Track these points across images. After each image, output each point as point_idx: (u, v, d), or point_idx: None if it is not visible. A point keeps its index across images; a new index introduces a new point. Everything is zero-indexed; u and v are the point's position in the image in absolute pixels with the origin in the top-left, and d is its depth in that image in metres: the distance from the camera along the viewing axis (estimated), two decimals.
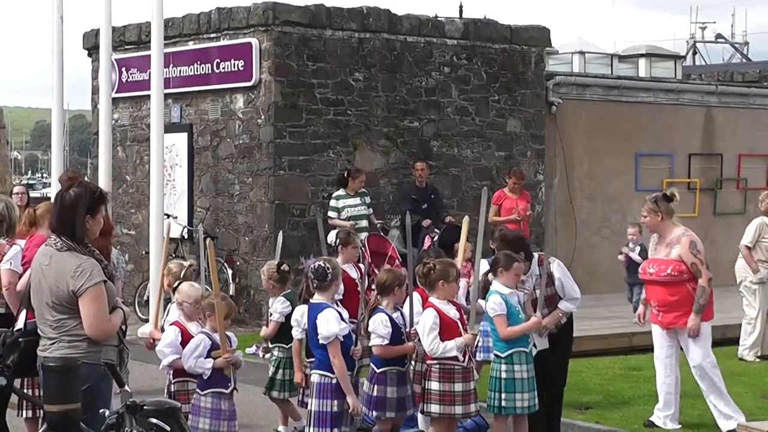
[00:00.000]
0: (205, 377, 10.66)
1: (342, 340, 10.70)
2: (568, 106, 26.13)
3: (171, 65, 22.96)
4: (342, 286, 11.77)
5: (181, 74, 23.81)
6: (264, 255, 22.16)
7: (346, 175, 21.88)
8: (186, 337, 11.02)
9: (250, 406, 13.73)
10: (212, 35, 23.68)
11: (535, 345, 12.07)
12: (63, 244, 8.40)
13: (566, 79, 26.71)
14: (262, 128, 22.78)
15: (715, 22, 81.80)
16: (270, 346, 13.30)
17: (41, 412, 10.71)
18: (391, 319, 11.37)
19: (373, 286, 12.93)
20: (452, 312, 11.24)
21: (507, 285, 11.78)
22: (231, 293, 21.83)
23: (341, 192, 21.72)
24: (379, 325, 11.25)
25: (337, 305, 11.24)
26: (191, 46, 23.92)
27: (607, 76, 28.74)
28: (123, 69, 24.79)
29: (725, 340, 18.02)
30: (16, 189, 24.10)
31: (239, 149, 23.30)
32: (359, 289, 12.96)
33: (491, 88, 24.78)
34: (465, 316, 11.54)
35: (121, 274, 15.07)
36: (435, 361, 11.15)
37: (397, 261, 16.55)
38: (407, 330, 11.54)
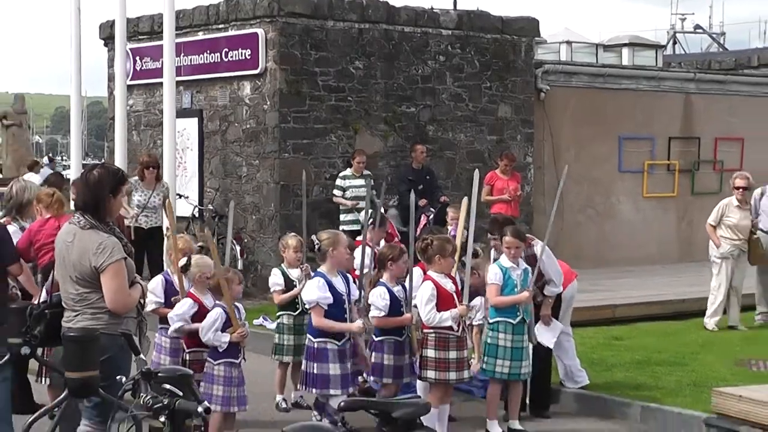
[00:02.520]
0: (221, 350, 10.77)
1: (325, 307, 10.89)
2: (555, 93, 26.17)
3: (182, 54, 22.97)
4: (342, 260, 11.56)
5: (192, 63, 23.84)
6: (270, 232, 22.28)
7: (352, 158, 22.07)
8: (201, 309, 11.11)
9: (257, 373, 13.75)
10: (221, 26, 23.71)
11: (531, 339, 12.24)
12: (86, 222, 8.52)
13: (554, 67, 26.74)
14: (267, 113, 22.82)
15: (693, 14, 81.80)
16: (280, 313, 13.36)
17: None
18: (390, 292, 11.46)
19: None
20: (449, 285, 11.35)
21: (510, 258, 11.98)
22: (240, 268, 21.94)
23: (348, 172, 21.90)
24: (377, 298, 11.37)
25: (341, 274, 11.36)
26: (201, 36, 23.94)
27: (592, 64, 28.77)
28: (137, 58, 24.82)
29: (698, 312, 18.24)
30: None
31: (246, 133, 23.34)
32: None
33: (483, 75, 24.81)
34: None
35: None
36: (431, 330, 11.28)
37: (396, 238, 16.57)
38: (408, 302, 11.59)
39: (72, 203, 12.08)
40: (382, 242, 14.46)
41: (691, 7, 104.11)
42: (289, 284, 12.85)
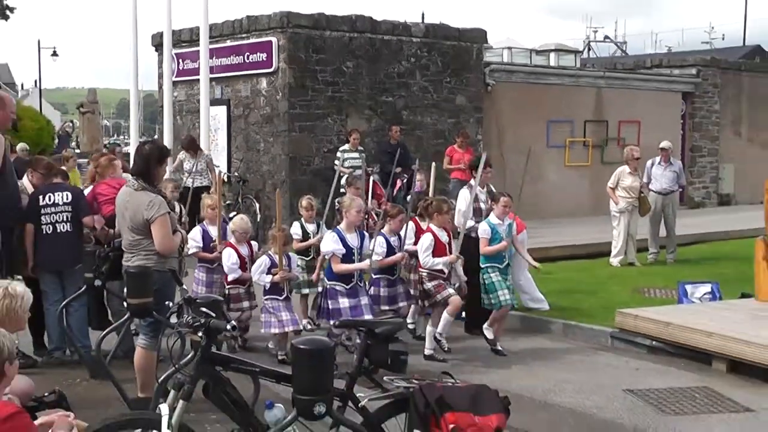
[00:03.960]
0: (266, 288, 10.87)
1: (340, 256, 10.58)
2: (499, 87, 26.09)
3: (214, 57, 22.89)
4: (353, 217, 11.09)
5: (221, 63, 23.70)
6: (282, 193, 22.20)
7: (349, 135, 22.00)
8: (239, 255, 11.36)
9: None
10: (243, 35, 23.58)
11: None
12: (139, 186, 8.52)
13: (498, 67, 26.62)
14: (279, 102, 22.73)
15: (603, 27, 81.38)
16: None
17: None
18: (388, 241, 11.47)
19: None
20: (444, 237, 11.36)
21: (497, 216, 11.93)
22: (258, 220, 21.95)
23: (346, 147, 21.67)
24: (378, 246, 11.28)
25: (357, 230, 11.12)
26: (228, 43, 23.79)
27: (527, 65, 28.68)
28: (180, 60, 24.68)
29: (606, 253, 18.31)
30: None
31: (263, 117, 23.24)
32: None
33: (445, 73, 24.73)
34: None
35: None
36: (426, 271, 11.28)
37: (383, 198, 16.56)
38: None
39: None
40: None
41: (601, 22, 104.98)
42: (305, 235, 12.78)
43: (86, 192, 11.59)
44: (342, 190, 21.18)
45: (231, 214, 16.51)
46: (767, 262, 13.31)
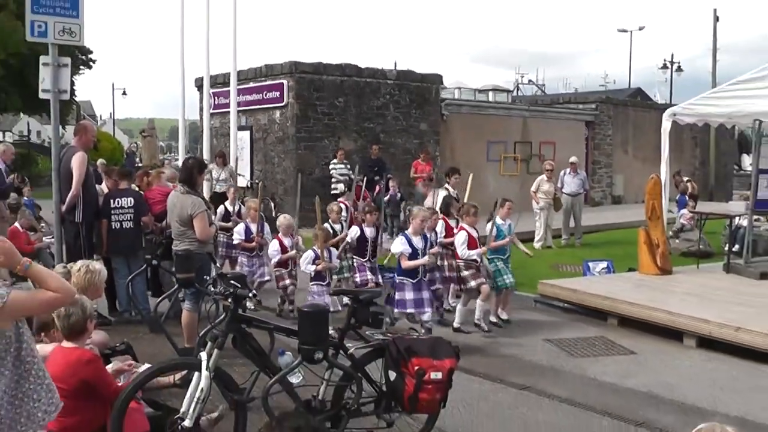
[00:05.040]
0: (312, 275, 10.28)
1: (407, 255, 9.59)
2: (452, 116, 26.01)
3: (240, 95, 22.80)
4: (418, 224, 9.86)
5: (246, 100, 23.63)
6: (291, 195, 22.19)
7: (336, 152, 21.96)
8: (282, 246, 11.04)
9: None
10: (262, 78, 23.50)
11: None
12: (184, 190, 8.51)
13: (451, 102, 26.52)
14: (289, 128, 22.63)
15: (528, 73, 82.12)
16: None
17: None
18: (410, 241, 10.07)
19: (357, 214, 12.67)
20: (474, 233, 10.71)
21: (501, 217, 11.19)
22: (274, 215, 21.86)
23: (335, 161, 21.78)
24: (399, 245, 10.11)
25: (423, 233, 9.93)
26: (251, 84, 23.70)
27: (472, 100, 28.73)
28: (215, 97, 24.54)
29: (531, 239, 18.27)
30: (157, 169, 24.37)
31: (277, 139, 23.15)
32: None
33: (412, 106, 24.64)
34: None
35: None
36: (463, 261, 10.52)
37: (368, 198, 16.51)
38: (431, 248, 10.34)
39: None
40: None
41: (527, 69, 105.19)
42: (333, 233, 11.78)
43: None
44: (334, 192, 21.37)
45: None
46: (647, 245, 13.38)
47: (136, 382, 5.66)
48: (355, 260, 11.36)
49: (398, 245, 9.79)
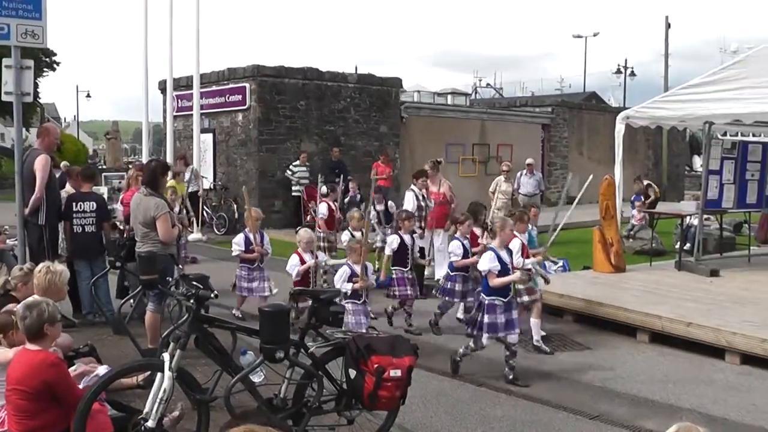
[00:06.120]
0: (347, 295, 9.16)
1: (496, 272, 8.16)
2: (411, 119, 26.12)
3: (203, 98, 22.71)
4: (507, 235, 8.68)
5: (209, 102, 23.47)
6: (253, 197, 22.09)
7: (299, 155, 21.99)
8: (302, 260, 10.31)
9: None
10: (225, 82, 23.35)
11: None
12: (148, 192, 8.44)
13: (410, 105, 26.64)
14: (251, 131, 22.54)
15: (486, 77, 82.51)
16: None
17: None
18: (463, 244, 10.08)
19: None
20: (524, 240, 9.85)
21: (518, 231, 9.90)
22: (237, 217, 21.86)
23: (297, 162, 21.82)
24: (456, 248, 10.17)
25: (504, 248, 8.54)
26: (214, 87, 23.54)
27: (431, 103, 28.76)
28: (179, 100, 24.35)
29: None
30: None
31: (240, 142, 23.04)
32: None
33: (372, 109, 24.69)
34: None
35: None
36: (517, 270, 9.01)
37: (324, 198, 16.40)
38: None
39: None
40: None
41: (485, 73, 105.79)
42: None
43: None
44: (295, 194, 21.47)
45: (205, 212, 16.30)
46: (601, 244, 13.52)
47: (99, 384, 5.60)
48: (395, 272, 10.75)
49: (486, 261, 8.36)
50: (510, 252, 8.61)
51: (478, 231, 11.12)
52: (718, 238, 16.42)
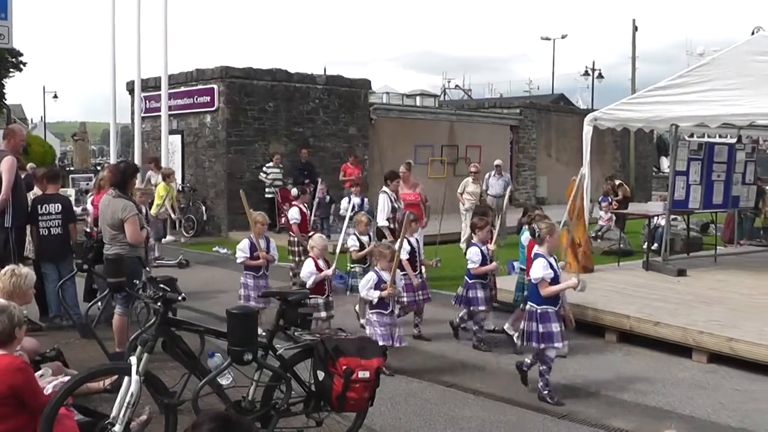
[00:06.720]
0: (373, 303, 8.56)
1: (548, 280, 7.69)
2: (380, 121, 26.14)
3: (172, 99, 22.60)
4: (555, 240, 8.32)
5: (177, 104, 23.37)
6: (221, 199, 22.23)
7: (272, 156, 22.03)
8: (317, 266, 9.43)
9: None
10: (193, 83, 23.26)
11: None
12: (116, 194, 8.36)
13: (379, 106, 26.69)
14: (220, 132, 22.47)
15: (455, 78, 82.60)
16: (353, 265, 11.53)
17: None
18: (481, 250, 9.84)
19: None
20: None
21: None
22: (205, 218, 21.81)
23: (270, 164, 21.83)
24: (474, 254, 9.86)
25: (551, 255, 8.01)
26: (182, 88, 23.43)
27: (400, 105, 28.85)
28: (147, 101, 24.22)
29: (458, 239, 18.37)
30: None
31: (208, 143, 22.96)
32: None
33: (341, 110, 24.70)
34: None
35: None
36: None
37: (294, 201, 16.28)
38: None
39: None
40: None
41: (453, 75, 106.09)
42: (361, 245, 11.16)
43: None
44: (269, 195, 21.45)
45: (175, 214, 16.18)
46: (569, 245, 13.56)
47: (65, 388, 5.53)
48: (403, 277, 10.13)
49: (540, 269, 7.77)
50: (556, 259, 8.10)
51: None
52: (685, 239, 16.58)
